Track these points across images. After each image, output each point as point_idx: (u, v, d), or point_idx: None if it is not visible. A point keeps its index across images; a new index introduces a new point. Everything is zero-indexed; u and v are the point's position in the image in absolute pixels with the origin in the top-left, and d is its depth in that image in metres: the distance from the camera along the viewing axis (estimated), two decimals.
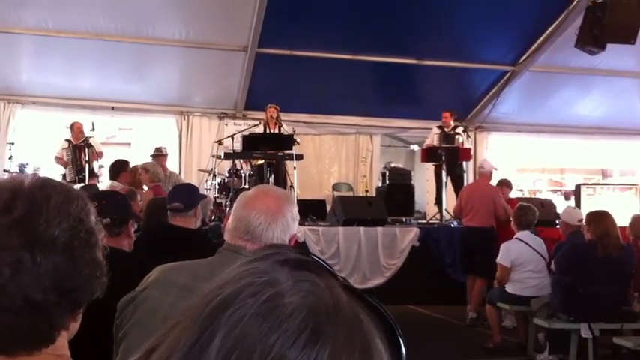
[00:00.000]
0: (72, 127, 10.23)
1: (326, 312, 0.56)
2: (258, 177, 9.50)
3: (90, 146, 9.81)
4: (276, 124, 10.05)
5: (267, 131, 10.03)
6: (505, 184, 8.85)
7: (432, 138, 10.75)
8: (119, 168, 8.21)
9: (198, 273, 1.98)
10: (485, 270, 8.05)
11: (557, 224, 9.25)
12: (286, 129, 10.04)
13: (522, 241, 6.78)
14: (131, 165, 8.38)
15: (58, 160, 10.21)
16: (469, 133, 11.29)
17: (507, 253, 6.76)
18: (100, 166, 10.06)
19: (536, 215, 6.97)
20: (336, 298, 0.58)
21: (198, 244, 3.92)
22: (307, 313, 0.56)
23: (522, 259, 6.68)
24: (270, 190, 2.23)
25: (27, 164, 10.17)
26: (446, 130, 10.64)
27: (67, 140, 10.21)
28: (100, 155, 9.99)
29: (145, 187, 7.70)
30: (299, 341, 0.54)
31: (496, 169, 8.79)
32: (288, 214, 2.03)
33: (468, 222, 8.64)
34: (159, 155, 9.77)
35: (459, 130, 10.79)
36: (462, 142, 10.60)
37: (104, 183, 9.33)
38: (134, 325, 1.90)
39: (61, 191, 1.12)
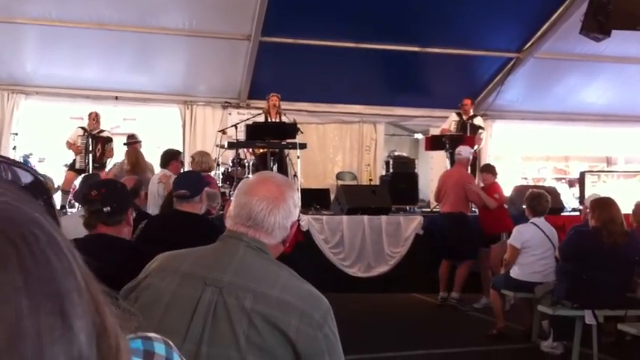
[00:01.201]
0: (89, 115, 10.28)
1: None
2: (261, 166, 9.50)
3: (110, 140, 9.95)
4: (277, 112, 10.05)
5: (269, 120, 10.03)
6: (486, 170, 8.86)
7: (449, 124, 10.77)
8: (170, 156, 8.29)
9: (200, 260, 1.98)
10: (460, 254, 8.37)
11: (561, 212, 9.28)
12: (286, 118, 10.04)
13: (536, 225, 6.78)
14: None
15: (70, 145, 10.23)
16: (482, 127, 11.25)
17: (520, 234, 6.76)
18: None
19: (549, 201, 6.98)
20: None
21: (205, 228, 3.99)
22: None
23: (533, 241, 6.68)
24: (271, 176, 2.22)
25: (31, 154, 10.21)
26: (464, 117, 10.68)
27: (81, 127, 10.25)
28: (111, 154, 10.13)
29: None
30: None
31: (474, 156, 8.79)
32: (289, 199, 2.03)
33: (442, 208, 8.85)
34: (133, 142, 9.77)
35: (477, 120, 10.80)
36: (480, 134, 10.66)
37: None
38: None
39: None
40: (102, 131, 10.20)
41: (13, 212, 0.53)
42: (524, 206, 7.07)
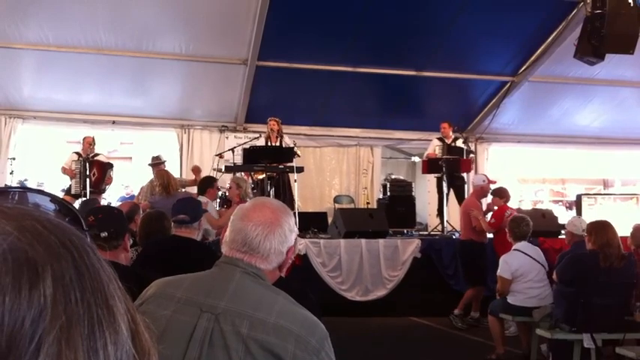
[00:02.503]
0: (83, 140, 10.27)
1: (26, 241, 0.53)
2: (259, 190, 9.51)
3: (111, 167, 9.94)
4: (277, 136, 10.08)
5: (269, 144, 10.05)
6: (496, 194, 8.85)
7: (433, 148, 10.77)
8: (207, 184, 8.48)
9: (196, 286, 1.97)
10: (467, 281, 8.47)
11: (558, 235, 9.28)
12: (288, 142, 10.06)
13: (521, 251, 6.77)
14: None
15: (65, 170, 10.20)
16: (469, 144, 11.31)
17: (507, 265, 6.75)
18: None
19: (530, 225, 6.96)
20: (13, 218, 0.55)
21: (202, 254, 4.00)
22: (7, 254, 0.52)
23: (523, 269, 6.67)
24: (267, 201, 2.22)
25: (26, 180, 10.18)
26: (447, 141, 10.67)
27: (76, 153, 10.24)
28: (110, 181, 10.12)
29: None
30: (23, 291, 0.51)
31: (484, 182, 8.79)
32: (285, 225, 2.03)
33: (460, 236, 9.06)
34: (158, 163, 9.75)
35: (459, 142, 10.82)
36: (469, 154, 10.68)
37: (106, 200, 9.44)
38: None
39: None
40: (96, 155, 10.16)
41: (60, 223, 0.58)
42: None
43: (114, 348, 0.54)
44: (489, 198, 9.05)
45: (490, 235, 8.70)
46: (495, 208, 8.72)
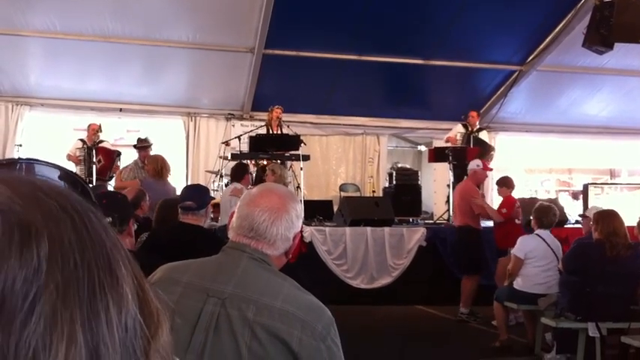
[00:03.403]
0: (88, 127, 10.26)
1: (17, 203, 0.54)
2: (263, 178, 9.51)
3: (118, 155, 9.91)
4: (279, 125, 10.08)
5: (270, 132, 10.05)
6: (499, 184, 8.82)
7: (455, 133, 10.79)
8: (242, 170, 8.54)
9: (202, 271, 1.98)
10: (465, 268, 8.37)
11: (564, 224, 9.27)
12: (288, 131, 10.07)
13: (540, 237, 6.77)
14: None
15: (70, 157, 10.20)
16: (491, 139, 11.27)
17: (523, 245, 6.76)
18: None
19: (557, 215, 6.98)
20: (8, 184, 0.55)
21: (209, 241, 4.00)
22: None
23: (536, 252, 6.67)
24: (274, 187, 2.23)
25: None
26: (470, 129, 10.71)
27: (80, 140, 10.24)
28: (117, 169, 10.05)
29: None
30: (14, 251, 0.51)
31: (479, 167, 8.69)
32: (292, 211, 2.03)
33: (454, 222, 8.96)
34: (146, 146, 9.54)
35: (483, 134, 10.84)
36: (490, 148, 10.70)
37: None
38: None
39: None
40: (101, 141, 10.10)
41: (62, 189, 0.58)
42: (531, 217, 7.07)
43: (117, 311, 0.54)
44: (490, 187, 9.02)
45: (490, 224, 8.64)
46: (499, 197, 8.69)
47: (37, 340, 0.50)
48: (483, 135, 11.00)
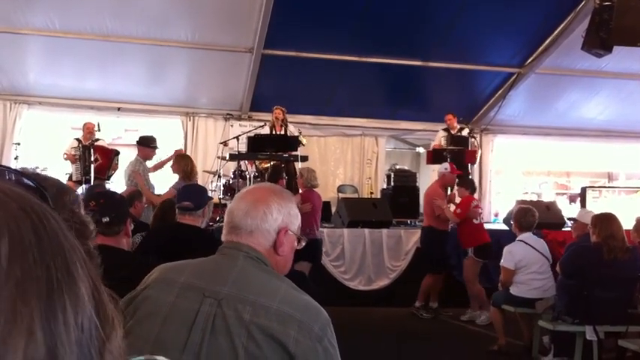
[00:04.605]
0: (83, 126, 10.23)
1: None
2: (263, 178, 9.50)
3: (117, 154, 9.84)
4: (281, 125, 10.07)
5: (274, 132, 10.05)
6: (459, 184, 8.80)
7: (439, 140, 10.78)
8: (278, 174, 8.65)
9: (199, 271, 1.97)
10: (425, 268, 8.49)
11: (562, 227, 9.27)
12: (292, 130, 10.06)
13: (525, 242, 6.77)
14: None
15: (67, 156, 10.17)
16: (474, 135, 11.29)
17: (511, 255, 6.75)
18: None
19: (536, 216, 6.97)
20: None
21: (205, 241, 3.99)
22: None
23: (526, 260, 6.67)
24: (263, 185, 2.24)
25: (37, 168, 10.16)
26: (452, 132, 10.68)
27: (77, 139, 10.20)
28: (116, 168, 9.96)
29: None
30: None
31: (447, 170, 8.72)
32: (273, 204, 2.00)
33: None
34: (154, 147, 8.90)
35: (465, 132, 10.82)
36: (475, 145, 10.66)
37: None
38: (135, 325, 1.88)
39: (53, 184, 1.13)
40: (96, 140, 10.00)
41: (25, 194, 0.60)
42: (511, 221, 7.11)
43: (74, 312, 0.55)
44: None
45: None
46: (459, 198, 8.65)
47: None
48: (464, 133, 10.94)
